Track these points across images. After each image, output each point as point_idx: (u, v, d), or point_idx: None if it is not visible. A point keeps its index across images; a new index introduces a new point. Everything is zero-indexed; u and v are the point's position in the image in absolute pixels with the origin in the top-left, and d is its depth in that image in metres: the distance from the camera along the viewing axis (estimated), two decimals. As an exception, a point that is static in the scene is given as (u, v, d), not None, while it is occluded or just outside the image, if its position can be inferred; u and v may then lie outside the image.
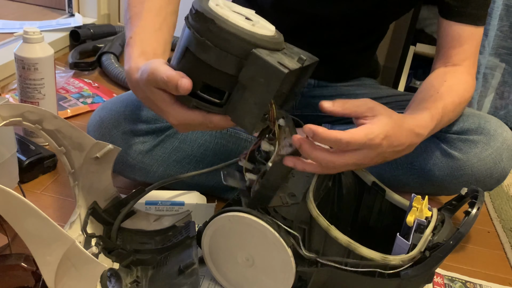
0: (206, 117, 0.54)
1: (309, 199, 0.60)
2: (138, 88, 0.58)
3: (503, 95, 1.36)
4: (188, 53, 0.51)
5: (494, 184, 0.82)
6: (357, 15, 0.83)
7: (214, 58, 0.50)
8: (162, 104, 0.55)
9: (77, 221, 0.65)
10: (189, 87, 0.51)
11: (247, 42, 0.49)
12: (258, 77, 0.49)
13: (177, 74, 0.51)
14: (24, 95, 0.96)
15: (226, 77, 0.51)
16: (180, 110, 0.55)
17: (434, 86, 0.74)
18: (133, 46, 0.62)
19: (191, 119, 0.55)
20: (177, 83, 0.51)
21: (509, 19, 1.27)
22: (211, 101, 0.53)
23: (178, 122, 0.56)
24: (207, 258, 0.66)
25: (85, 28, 1.53)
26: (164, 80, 0.52)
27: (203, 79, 0.52)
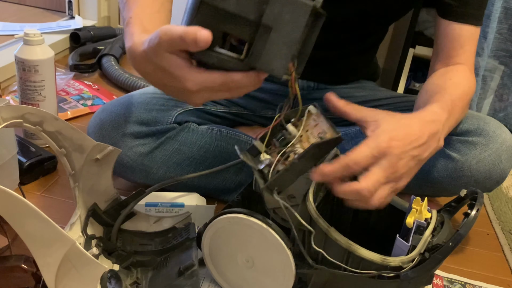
0: (227, 76, 0.51)
1: (308, 200, 0.60)
2: (145, 61, 0.54)
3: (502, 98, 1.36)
4: (203, 5, 0.49)
5: (493, 185, 0.82)
6: (356, 17, 0.83)
7: (234, 4, 0.48)
8: (177, 70, 0.52)
9: (77, 222, 0.65)
10: (209, 38, 0.47)
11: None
12: (284, 15, 0.49)
13: (194, 28, 0.48)
14: (24, 97, 0.96)
15: (247, 24, 0.49)
16: (198, 72, 0.51)
17: (439, 85, 0.74)
18: (134, 24, 0.59)
19: (211, 81, 0.51)
20: (196, 35, 0.47)
21: (508, 21, 1.27)
22: (231, 56, 0.51)
23: (197, 86, 0.52)
24: (207, 259, 0.66)
25: (86, 30, 1.53)
26: (180, 36, 0.48)
27: (222, 30, 0.49)
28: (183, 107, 0.86)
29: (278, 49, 0.50)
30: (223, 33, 0.50)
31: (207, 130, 0.85)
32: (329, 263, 0.60)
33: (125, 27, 0.60)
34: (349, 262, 0.59)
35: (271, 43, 0.50)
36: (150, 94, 0.84)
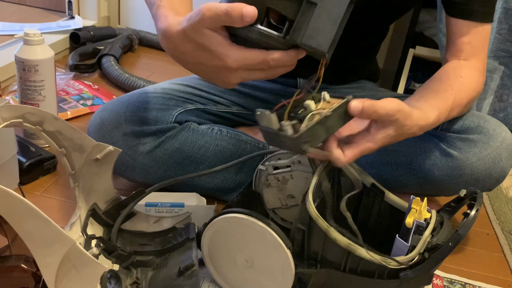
0: (268, 54, 0.52)
1: (308, 200, 0.60)
2: (184, 39, 0.54)
3: (502, 98, 1.36)
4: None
5: (493, 184, 0.82)
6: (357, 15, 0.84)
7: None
8: (218, 47, 0.52)
9: (77, 222, 0.65)
10: (255, 13, 0.48)
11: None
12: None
13: (239, 3, 0.49)
14: (24, 97, 0.96)
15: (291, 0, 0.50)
16: (239, 49, 0.52)
17: (450, 79, 0.75)
18: (166, 7, 0.60)
19: (252, 58, 0.52)
20: (242, 10, 0.48)
21: (508, 22, 1.27)
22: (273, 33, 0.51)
23: (238, 63, 0.52)
24: (206, 259, 0.66)
25: (85, 30, 1.53)
26: (226, 11, 0.48)
27: (266, 4, 0.50)
28: (184, 106, 0.86)
29: (323, 24, 0.50)
30: (266, 9, 0.50)
31: (207, 130, 0.85)
32: (328, 263, 0.60)
33: (156, 10, 0.60)
34: (348, 262, 0.59)
35: (316, 19, 0.50)
36: (151, 94, 0.84)
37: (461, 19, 0.78)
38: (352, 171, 0.63)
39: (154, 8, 0.62)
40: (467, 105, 0.76)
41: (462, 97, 0.74)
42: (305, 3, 0.50)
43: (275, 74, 0.55)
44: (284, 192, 0.71)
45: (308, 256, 0.61)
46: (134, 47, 1.63)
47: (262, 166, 0.71)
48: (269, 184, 0.71)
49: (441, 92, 0.73)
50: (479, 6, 0.77)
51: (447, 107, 0.70)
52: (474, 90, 0.77)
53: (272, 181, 0.71)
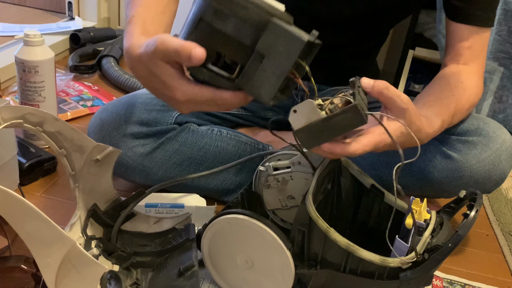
0: (216, 93, 0.52)
1: (308, 201, 0.60)
2: (140, 64, 0.55)
3: (502, 99, 1.37)
4: (202, 23, 0.50)
5: (493, 186, 0.82)
6: (359, 18, 0.84)
7: (232, 27, 0.49)
8: (168, 79, 0.53)
9: (77, 223, 0.65)
10: (202, 57, 0.49)
11: (265, 12, 0.49)
12: (277, 46, 0.49)
13: (190, 44, 0.49)
14: (24, 98, 0.96)
15: (242, 48, 0.50)
16: (188, 84, 0.53)
17: (451, 85, 0.75)
18: (135, 24, 0.60)
19: (200, 95, 0.53)
20: (191, 51, 0.48)
21: (507, 23, 1.28)
22: (222, 74, 0.52)
23: (185, 98, 0.53)
24: (206, 260, 0.66)
25: (85, 32, 1.54)
26: (176, 50, 0.49)
27: (217, 50, 0.51)
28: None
29: (268, 77, 0.51)
30: (217, 52, 0.51)
31: (207, 131, 0.85)
32: (328, 264, 0.60)
33: (126, 25, 0.61)
34: (348, 263, 0.59)
35: (262, 70, 0.51)
36: (151, 95, 0.84)
37: (462, 24, 0.78)
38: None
39: (126, 21, 0.62)
40: (468, 110, 0.77)
41: (464, 103, 0.75)
42: (255, 53, 0.50)
43: (227, 110, 0.56)
44: (284, 193, 0.71)
45: (308, 257, 0.61)
46: (134, 48, 1.63)
47: (262, 167, 0.71)
48: (269, 185, 0.71)
49: (443, 99, 0.73)
50: (481, 11, 0.78)
51: (449, 114, 0.71)
52: (475, 95, 0.77)
53: (272, 182, 0.71)
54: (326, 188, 0.69)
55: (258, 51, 0.50)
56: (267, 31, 0.49)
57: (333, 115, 0.52)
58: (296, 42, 0.49)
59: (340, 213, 0.71)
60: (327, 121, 0.52)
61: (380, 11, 0.83)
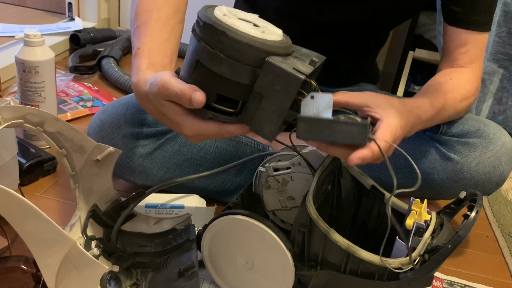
0: (222, 127, 0.53)
1: (308, 202, 0.60)
2: (147, 101, 0.57)
3: (501, 101, 1.37)
4: (200, 65, 0.51)
5: (493, 188, 0.82)
6: (359, 22, 0.84)
7: (228, 69, 0.49)
8: (175, 117, 0.54)
9: (77, 223, 0.65)
10: (203, 101, 0.50)
11: (260, 51, 0.49)
12: (275, 85, 0.49)
13: (190, 88, 0.50)
14: (24, 98, 0.96)
15: (241, 87, 0.50)
16: (194, 121, 0.54)
17: (440, 82, 0.76)
18: (141, 57, 0.61)
19: (206, 130, 0.54)
20: (191, 97, 0.50)
21: (507, 25, 1.28)
22: (226, 111, 0.52)
23: (192, 133, 0.55)
24: (206, 261, 0.66)
25: (85, 32, 1.54)
26: (177, 94, 0.51)
27: (217, 91, 0.51)
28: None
29: (268, 116, 0.51)
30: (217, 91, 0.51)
31: (207, 132, 0.85)
32: (328, 265, 0.60)
33: (133, 58, 0.62)
34: (348, 263, 0.59)
35: (262, 110, 0.51)
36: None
37: (460, 28, 0.79)
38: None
39: (133, 53, 0.63)
40: (461, 102, 0.76)
41: (455, 94, 0.75)
42: (254, 93, 0.51)
43: (233, 137, 0.57)
44: (284, 194, 0.71)
45: (308, 257, 0.61)
46: (134, 49, 1.63)
47: (262, 168, 0.71)
48: (269, 186, 0.71)
49: (431, 91, 0.74)
50: (479, 15, 0.78)
51: (440, 101, 0.71)
52: (467, 90, 0.77)
53: (272, 183, 0.71)
54: (326, 189, 0.69)
55: (256, 91, 0.50)
56: (264, 71, 0.49)
57: (342, 121, 0.52)
58: (293, 81, 0.49)
59: (340, 214, 0.71)
60: (333, 124, 0.52)
61: (379, 15, 0.83)
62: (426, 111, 0.68)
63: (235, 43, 0.48)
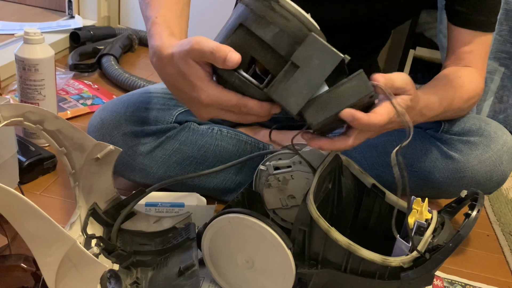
0: (242, 100, 0.53)
1: (309, 200, 0.60)
2: (169, 63, 0.55)
3: (502, 99, 1.37)
4: (241, 29, 0.52)
5: (494, 187, 0.82)
6: (361, 21, 0.84)
7: (270, 35, 0.51)
8: (197, 79, 0.53)
9: (77, 222, 0.65)
10: (238, 60, 0.50)
11: (305, 25, 0.52)
12: (314, 58, 0.51)
13: (226, 47, 0.50)
14: (24, 96, 0.96)
15: (276, 57, 0.52)
16: (216, 87, 0.53)
17: (449, 78, 0.76)
18: (161, 25, 0.61)
19: (226, 99, 0.53)
20: (227, 54, 0.50)
21: (508, 23, 1.28)
22: (252, 82, 0.53)
23: (210, 100, 0.54)
24: (207, 259, 0.66)
25: (85, 30, 1.53)
26: (212, 51, 0.50)
27: (253, 54, 0.52)
28: (184, 106, 0.85)
29: (299, 88, 0.52)
30: (250, 58, 0.52)
31: (208, 130, 0.85)
32: (329, 264, 0.60)
33: (151, 26, 0.61)
34: (349, 262, 0.59)
35: (294, 81, 0.52)
36: (151, 93, 0.84)
37: (464, 28, 0.79)
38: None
39: (149, 23, 0.62)
40: (467, 101, 0.77)
41: (462, 92, 0.75)
42: (290, 64, 0.52)
43: (246, 120, 0.57)
44: (285, 193, 0.71)
45: (309, 256, 0.61)
46: (134, 47, 1.63)
47: (262, 166, 0.71)
48: (270, 184, 0.71)
49: (439, 86, 0.74)
50: (483, 16, 0.78)
51: (447, 99, 0.72)
52: (474, 90, 0.78)
53: (272, 182, 0.71)
54: (327, 187, 0.69)
55: (293, 61, 0.51)
56: (305, 44, 0.51)
57: (339, 85, 0.53)
58: (332, 57, 0.51)
59: (341, 212, 0.71)
60: (332, 93, 0.53)
61: (382, 14, 0.83)
62: (433, 110, 0.69)
63: (285, 12, 0.51)
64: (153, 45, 0.59)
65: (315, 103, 0.53)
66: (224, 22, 0.56)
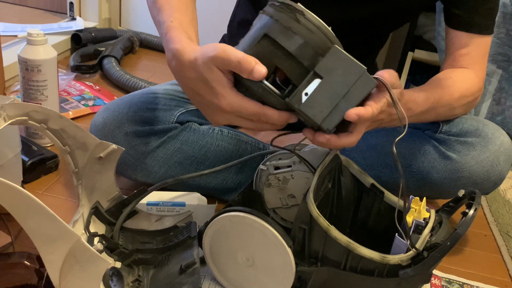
0: (262, 109, 0.54)
1: (309, 199, 0.60)
2: (191, 67, 0.56)
3: (500, 101, 1.38)
4: (266, 38, 0.53)
5: (491, 187, 0.83)
6: (359, 23, 0.85)
7: (295, 46, 0.53)
8: (219, 86, 0.54)
9: (80, 220, 0.66)
10: (264, 74, 0.51)
11: (328, 38, 0.54)
12: (337, 69, 0.53)
13: (253, 58, 0.51)
14: (27, 97, 0.97)
15: (299, 67, 0.53)
16: (237, 95, 0.54)
17: (439, 78, 0.78)
18: (178, 29, 0.61)
19: (246, 107, 0.54)
20: (254, 66, 0.50)
21: (505, 26, 1.29)
22: (274, 91, 0.54)
23: (230, 108, 0.54)
24: (208, 258, 0.67)
25: (87, 32, 1.54)
26: (239, 60, 0.51)
27: (277, 64, 0.53)
28: (185, 107, 0.86)
29: (323, 98, 0.53)
30: (274, 68, 0.53)
31: (208, 130, 0.86)
32: (329, 262, 0.61)
33: (167, 30, 0.62)
34: (348, 260, 0.60)
35: (317, 91, 0.53)
36: (153, 94, 0.85)
37: (462, 31, 0.80)
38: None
39: (163, 27, 0.63)
40: (458, 100, 0.77)
41: (452, 91, 0.76)
42: (312, 73, 0.53)
43: (262, 128, 0.57)
44: (285, 192, 0.72)
45: (308, 254, 0.62)
46: (135, 49, 1.64)
47: (263, 166, 0.72)
48: (270, 183, 0.72)
49: (428, 85, 0.76)
50: (480, 18, 0.79)
51: (435, 95, 0.73)
52: (467, 89, 0.78)
53: (273, 181, 0.71)
54: (327, 186, 0.69)
55: (316, 72, 0.53)
56: (329, 55, 0.53)
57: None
58: (355, 69, 0.53)
59: (341, 212, 0.72)
60: (326, 84, 0.54)
61: (380, 17, 0.84)
62: (419, 105, 0.70)
63: (310, 24, 0.53)
64: (172, 48, 0.59)
65: (315, 98, 0.54)
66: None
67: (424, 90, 0.73)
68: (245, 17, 0.92)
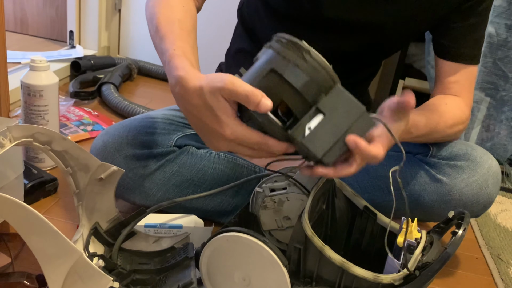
0: (264, 138, 0.56)
1: (304, 219, 0.62)
2: (196, 95, 0.57)
3: (489, 128, 1.41)
4: (273, 74, 0.55)
5: (480, 210, 0.85)
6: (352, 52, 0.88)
7: (301, 83, 0.55)
8: (223, 115, 0.55)
9: (80, 240, 0.67)
10: (270, 107, 0.53)
11: (331, 77, 0.56)
12: (339, 108, 0.56)
13: (260, 92, 0.53)
14: (28, 121, 0.99)
15: (302, 102, 0.56)
16: (240, 125, 0.56)
17: (435, 104, 0.81)
18: (181, 56, 0.63)
19: (248, 137, 0.56)
20: (261, 100, 0.52)
21: (492, 55, 1.33)
22: (277, 123, 0.56)
23: (234, 136, 0.56)
24: (205, 278, 0.68)
25: (86, 59, 1.58)
26: (247, 93, 0.52)
27: (282, 98, 0.55)
28: (183, 131, 0.89)
29: (325, 133, 0.56)
30: (278, 101, 0.56)
31: (206, 154, 0.88)
32: (323, 281, 0.62)
33: (170, 58, 0.63)
34: (342, 280, 0.61)
35: (319, 126, 0.56)
36: (151, 119, 0.87)
37: (450, 61, 0.84)
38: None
39: (166, 55, 0.64)
40: (452, 127, 0.81)
41: (447, 118, 0.80)
42: (315, 109, 0.56)
43: (260, 156, 0.59)
44: (280, 214, 0.73)
45: (304, 274, 0.63)
46: (133, 76, 1.67)
47: (259, 188, 0.74)
48: (266, 205, 0.73)
49: (426, 109, 0.79)
50: (467, 49, 0.83)
51: (433, 122, 0.76)
52: (459, 117, 0.82)
53: (268, 203, 0.73)
54: (321, 208, 0.71)
55: (319, 108, 0.56)
56: (332, 94, 0.56)
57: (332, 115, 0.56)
58: (356, 109, 0.56)
59: (335, 233, 0.73)
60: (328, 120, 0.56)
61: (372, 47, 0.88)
62: (419, 130, 0.73)
63: (315, 63, 0.55)
64: (176, 75, 0.60)
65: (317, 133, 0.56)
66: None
67: (423, 115, 0.76)
68: (241, 46, 0.95)
